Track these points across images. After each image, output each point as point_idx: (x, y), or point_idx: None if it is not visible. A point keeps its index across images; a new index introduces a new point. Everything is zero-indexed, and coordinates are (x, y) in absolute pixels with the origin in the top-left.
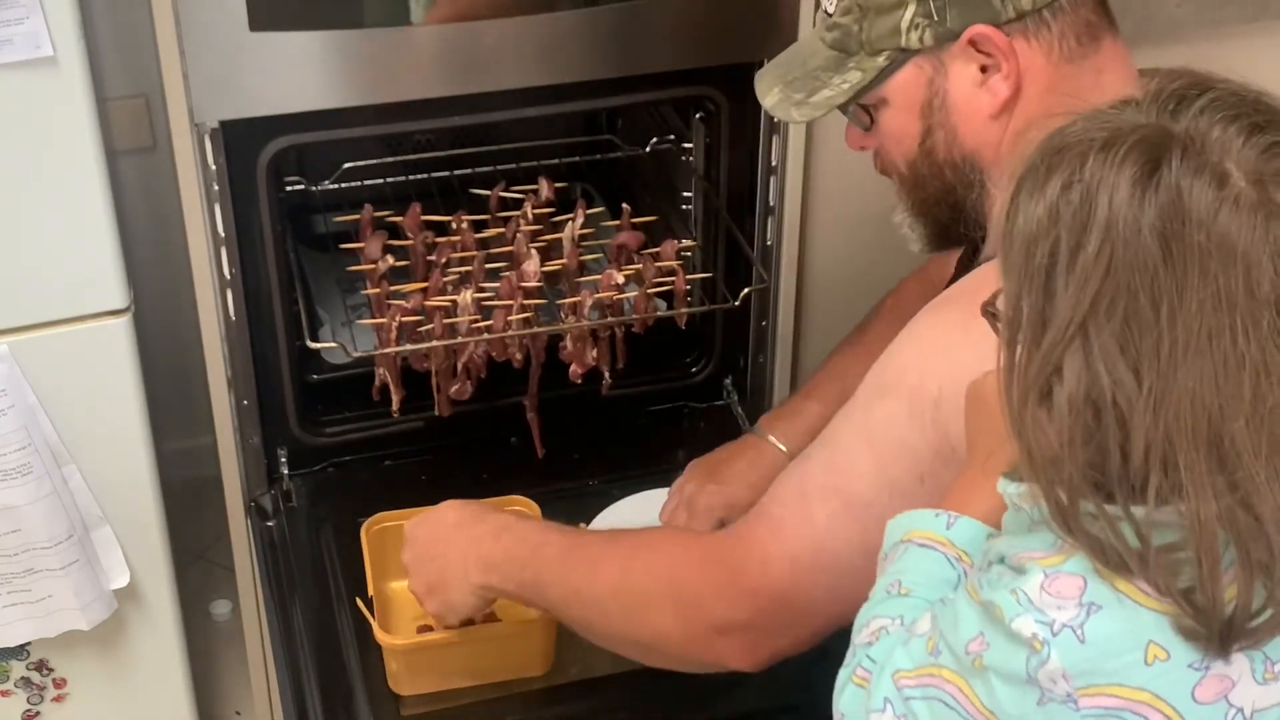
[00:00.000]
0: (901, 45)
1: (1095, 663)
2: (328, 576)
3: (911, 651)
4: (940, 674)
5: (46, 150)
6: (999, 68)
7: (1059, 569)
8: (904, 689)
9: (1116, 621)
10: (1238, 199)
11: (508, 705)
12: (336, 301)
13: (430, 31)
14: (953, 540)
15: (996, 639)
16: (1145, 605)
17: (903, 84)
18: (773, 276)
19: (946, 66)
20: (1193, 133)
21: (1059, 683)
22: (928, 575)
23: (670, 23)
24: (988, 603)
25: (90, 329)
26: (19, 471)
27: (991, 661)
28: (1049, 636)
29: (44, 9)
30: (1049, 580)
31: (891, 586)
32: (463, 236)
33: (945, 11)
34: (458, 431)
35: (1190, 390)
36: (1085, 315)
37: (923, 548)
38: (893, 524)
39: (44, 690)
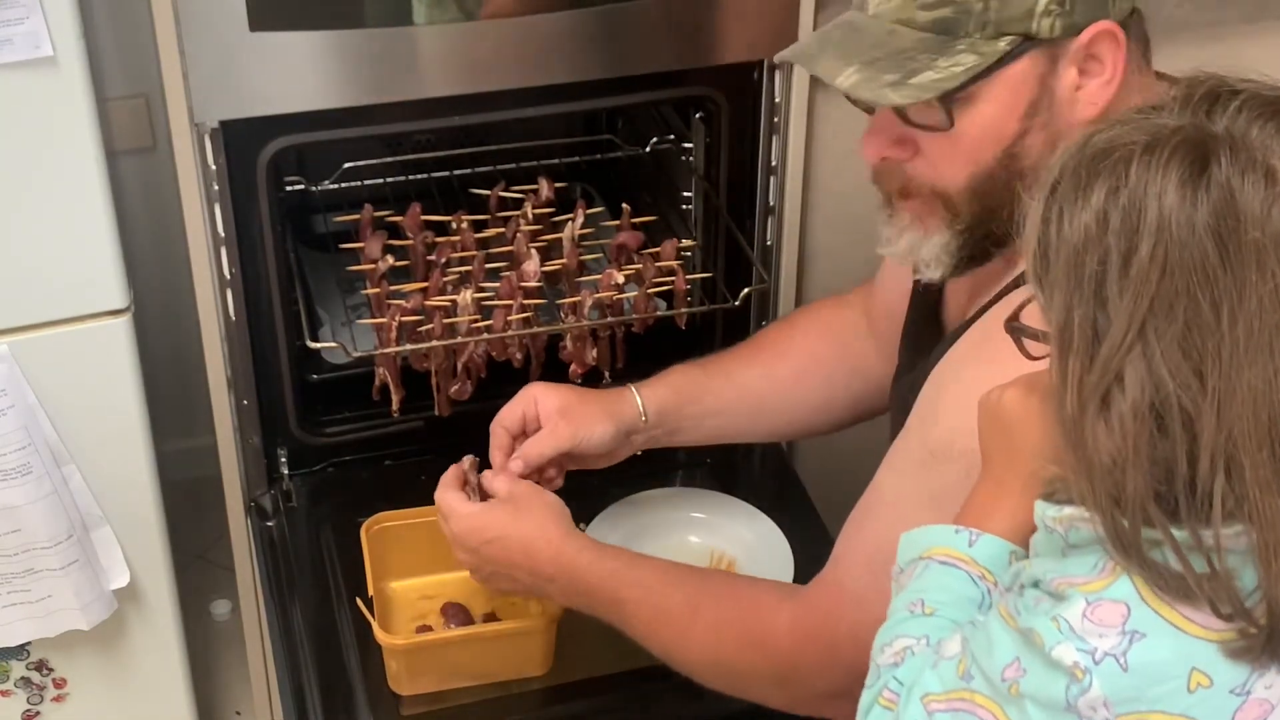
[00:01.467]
0: (1031, 31)
1: (1138, 690)
2: (328, 576)
3: (941, 675)
4: (973, 699)
5: (46, 150)
6: (1099, 73)
7: (1101, 595)
8: (934, 713)
9: (1161, 649)
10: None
11: (508, 705)
12: (336, 301)
13: (430, 31)
14: (975, 559)
15: (1034, 666)
16: (1190, 632)
17: (1016, 76)
18: (773, 276)
19: (1058, 63)
20: (1234, 132)
21: (1099, 710)
22: (951, 594)
23: (670, 23)
24: (1027, 630)
25: (90, 329)
26: (19, 471)
27: (1029, 689)
28: (1091, 665)
29: (44, 9)
30: (1091, 608)
31: (914, 605)
32: (463, 236)
33: (1077, 2)
34: (458, 431)
35: (1255, 389)
36: (1144, 320)
37: (945, 565)
38: (907, 538)
39: (44, 690)
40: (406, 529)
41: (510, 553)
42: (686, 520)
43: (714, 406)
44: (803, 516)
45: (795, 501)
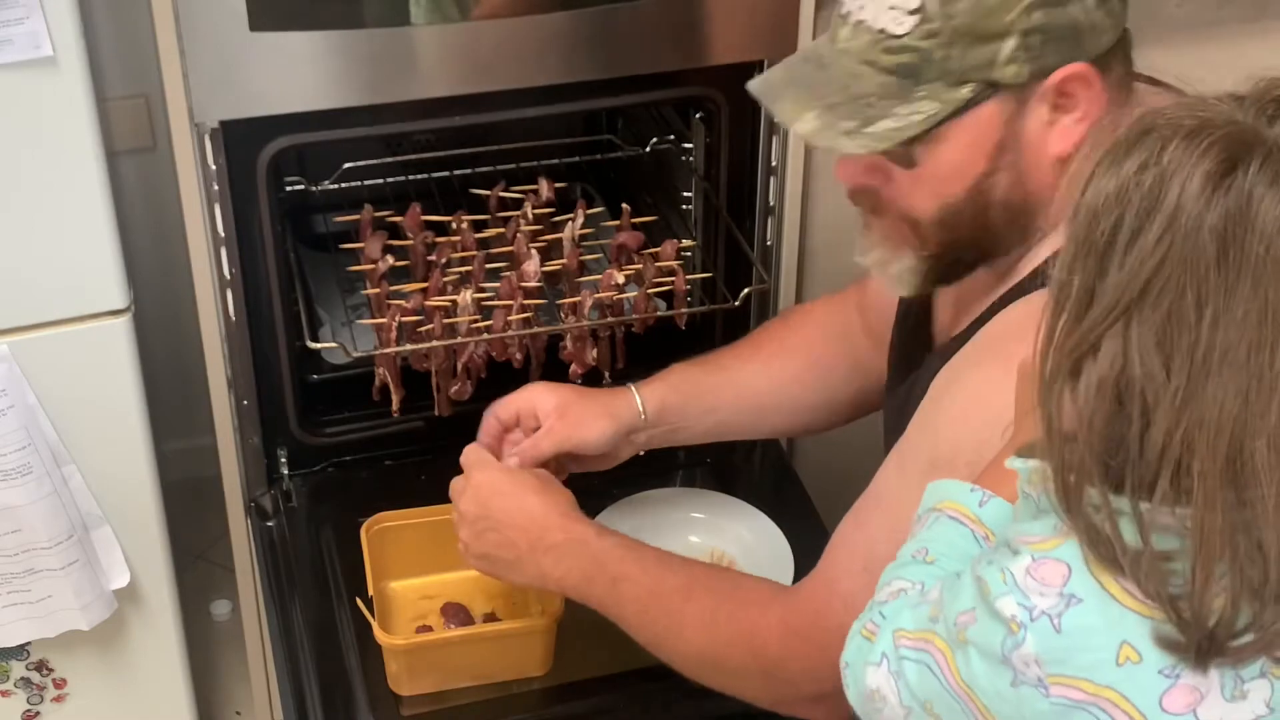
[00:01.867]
0: (993, 78)
1: (1067, 653)
2: (328, 576)
3: (916, 615)
4: (933, 640)
5: (46, 150)
6: (1072, 109)
7: (1047, 554)
8: (901, 647)
9: (1094, 616)
10: None
11: (508, 705)
12: (336, 301)
13: (430, 31)
14: (982, 518)
15: (982, 615)
16: (1127, 605)
17: (980, 121)
18: (773, 276)
19: (1026, 105)
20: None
21: (1031, 666)
22: (954, 549)
23: (670, 23)
24: (978, 578)
25: (90, 329)
26: (19, 471)
27: (974, 636)
28: (1027, 620)
29: (44, 9)
30: (1035, 565)
31: (918, 552)
32: (463, 236)
33: (1045, 47)
34: (458, 431)
35: (1219, 399)
36: (1132, 301)
37: (953, 520)
38: (931, 487)
39: (44, 690)
40: (406, 529)
41: (521, 515)
42: (686, 520)
43: (713, 404)
44: (802, 516)
45: (795, 501)
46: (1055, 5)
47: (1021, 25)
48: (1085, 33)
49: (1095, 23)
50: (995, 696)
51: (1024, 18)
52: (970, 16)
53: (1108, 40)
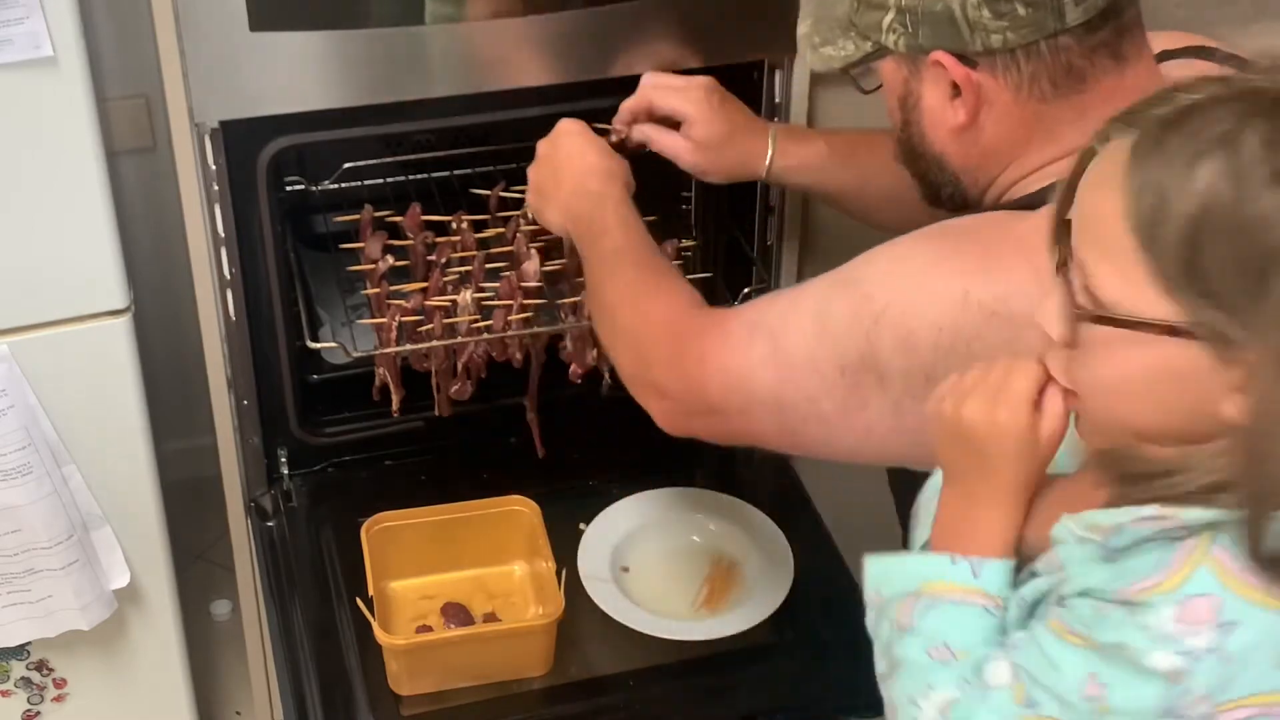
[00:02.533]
0: (881, 41)
1: (1234, 677)
2: (328, 576)
3: (996, 707)
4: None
5: (46, 150)
6: (959, 92)
7: (1184, 591)
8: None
9: (1253, 632)
10: None
11: (508, 705)
12: (336, 301)
13: (430, 31)
14: (984, 589)
15: (1120, 679)
16: (1275, 608)
17: (886, 72)
18: (773, 276)
19: (920, 74)
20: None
21: (1199, 704)
22: (977, 634)
23: (670, 23)
24: (1114, 645)
25: (90, 329)
26: (19, 471)
27: (1118, 703)
28: (1190, 665)
29: (44, 9)
30: (1179, 609)
31: (936, 651)
32: (463, 236)
33: (918, 27)
34: (458, 431)
35: None
36: None
37: (957, 604)
38: (887, 567)
39: (44, 690)
40: (406, 529)
41: (578, 158)
42: (686, 520)
43: (829, 192)
44: (803, 517)
45: (795, 502)
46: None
47: (896, 2)
48: (964, 26)
49: (979, 20)
50: None
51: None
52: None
53: (1004, 41)
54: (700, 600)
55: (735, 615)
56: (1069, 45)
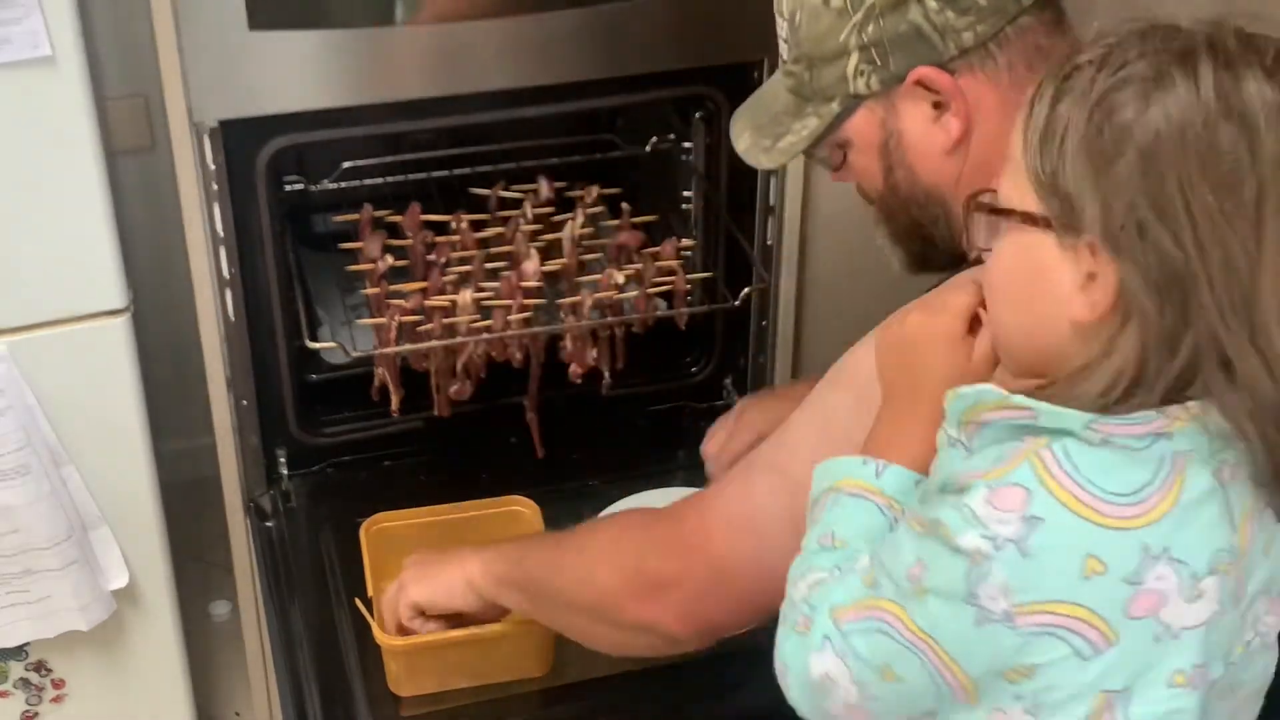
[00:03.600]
0: (850, 92)
1: (1035, 578)
2: (327, 576)
3: (848, 587)
4: (879, 604)
5: (46, 150)
6: (949, 105)
7: (1002, 481)
8: (843, 624)
9: (1058, 534)
10: None
11: (508, 705)
12: (336, 301)
13: (430, 31)
14: (883, 489)
15: (937, 559)
16: (1087, 518)
17: (858, 127)
18: (773, 276)
19: (897, 108)
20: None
21: (997, 599)
22: (861, 526)
23: (670, 23)
24: (932, 521)
25: (90, 329)
26: (17, 472)
27: (931, 583)
28: (992, 550)
29: (43, 8)
30: (992, 493)
31: (824, 538)
32: (462, 236)
33: (887, 57)
34: (458, 431)
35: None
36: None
37: (854, 498)
38: (820, 469)
39: (43, 691)
40: (406, 529)
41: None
42: None
43: None
44: None
45: None
46: (889, 15)
47: (857, 42)
48: (934, 36)
49: (946, 24)
50: (957, 639)
51: (857, 35)
52: (810, 43)
53: (976, 35)
54: None
55: None
56: (1031, 25)
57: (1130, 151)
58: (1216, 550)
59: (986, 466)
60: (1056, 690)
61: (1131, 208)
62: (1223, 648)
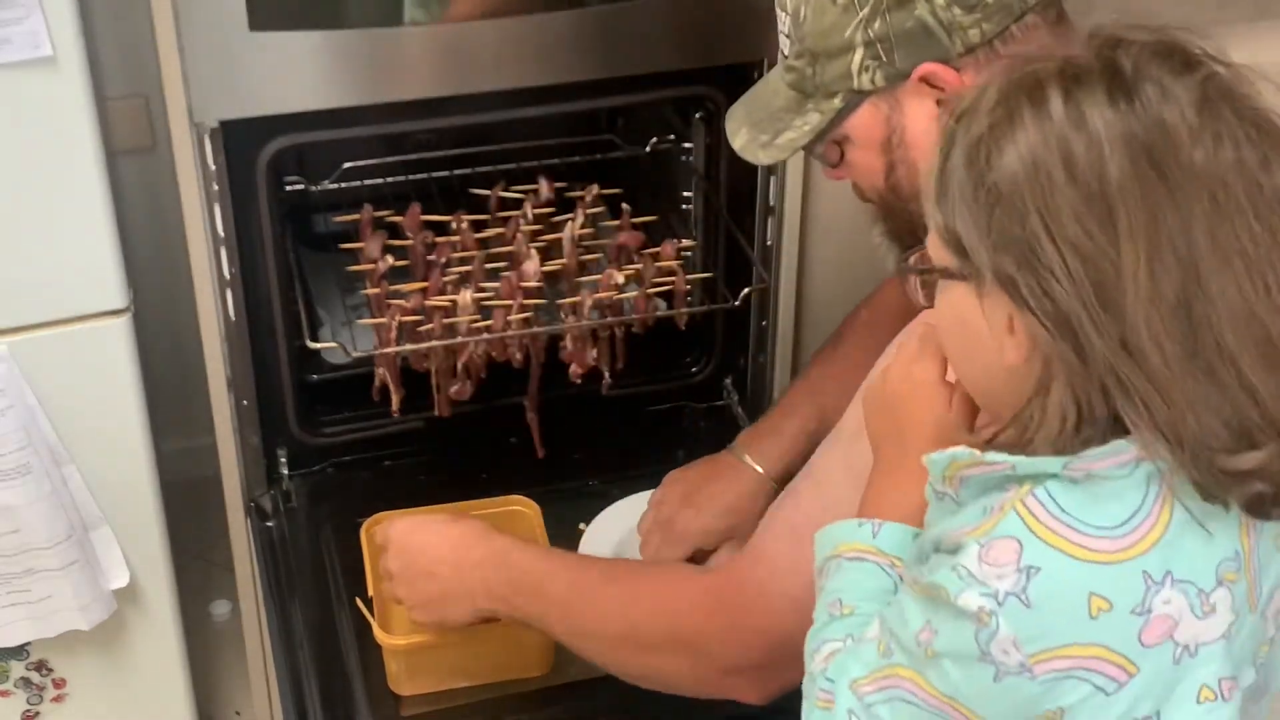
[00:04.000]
0: (854, 87)
1: (1043, 626)
2: (328, 576)
3: (863, 658)
4: (896, 672)
5: (46, 150)
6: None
7: (992, 536)
8: (864, 696)
9: (1057, 579)
10: None
11: (508, 705)
12: (336, 301)
13: (430, 31)
14: (881, 548)
15: (944, 622)
16: (1082, 558)
17: (861, 123)
18: (773, 276)
19: (902, 104)
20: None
21: (1011, 653)
22: (865, 589)
23: (670, 23)
24: (931, 586)
25: (90, 329)
26: (18, 472)
27: (942, 646)
28: (995, 607)
29: (43, 8)
30: (984, 550)
31: (833, 606)
32: (463, 236)
33: (893, 53)
34: (458, 431)
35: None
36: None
37: (854, 561)
38: (819, 536)
39: (43, 690)
40: None
41: (439, 542)
42: None
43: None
44: None
45: None
46: (896, 11)
47: (862, 38)
48: (940, 33)
49: (953, 21)
50: (981, 698)
51: (863, 30)
52: (814, 38)
53: (982, 33)
54: None
55: None
56: (1036, 23)
57: (998, 198)
58: (1220, 562)
59: (975, 522)
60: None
61: (1011, 252)
62: (1249, 653)
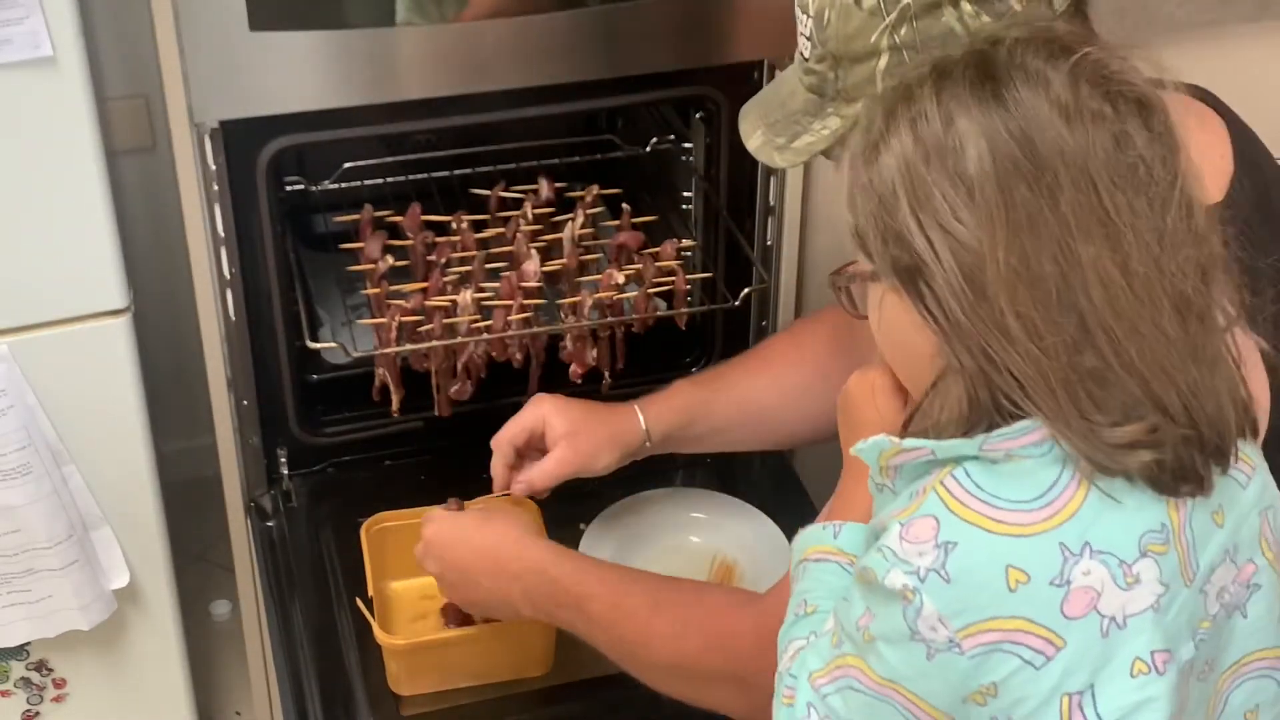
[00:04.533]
0: (878, 93)
1: (965, 600)
2: (328, 576)
3: (819, 651)
4: (845, 661)
5: (46, 150)
6: None
7: (913, 515)
8: (820, 688)
9: (974, 554)
10: None
11: (508, 705)
12: (336, 301)
13: (430, 31)
14: (842, 548)
15: (877, 605)
16: (998, 532)
17: None
18: (773, 276)
19: None
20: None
21: (938, 629)
22: (826, 587)
23: (670, 23)
24: (862, 570)
25: (90, 329)
26: (19, 471)
27: (877, 630)
28: (917, 584)
29: (44, 8)
30: (905, 529)
31: (799, 607)
32: (463, 236)
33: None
34: (458, 431)
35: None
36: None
37: (818, 563)
38: (793, 543)
39: (44, 690)
40: (406, 529)
41: (473, 556)
42: (686, 520)
43: (718, 424)
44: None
45: (795, 502)
46: (923, 18)
47: (888, 43)
48: (968, 38)
49: (981, 29)
50: (917, 678)
51: (889, 36)
52: (837, 41)
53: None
54: None
55: None
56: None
57: (880, 196)
58: (1144, 533)
59: (902, 505)
60: (1023, 703)
61: (895, 247)
62: (1185, 627)
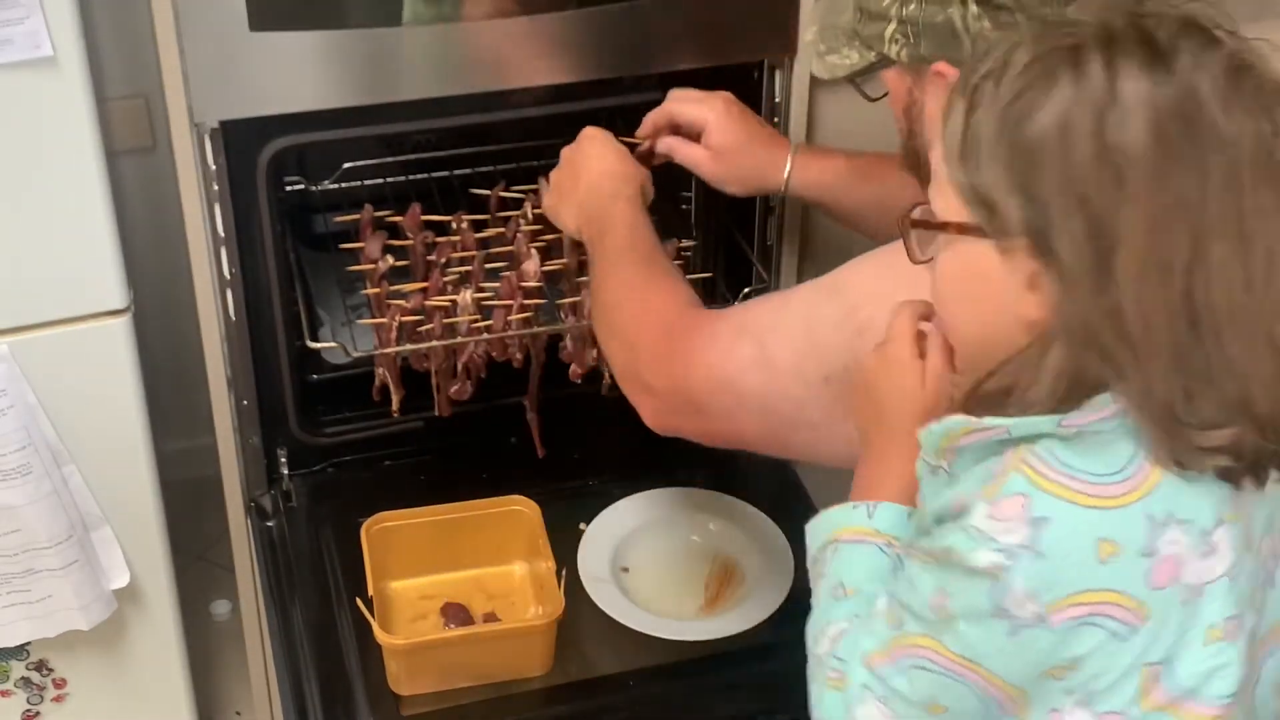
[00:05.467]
0: (884, 51)
1: (1057, 574)
2: (328, 576)
3: (875, 632)
4: (911, 641)
5: (46, 150)
6: None
7: (999, 494)
8: (880, 669)
9: (1065, 527)
10: None
11: (508, 705)
12: (336, 301)
13: (430, 31)
14: (878, 528)
15: (956, 584)
16: (1088, 505)
17: (890, 81)
18: (773, 276)
19: (924, 84)
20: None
21: (1026, 605)
22: (865, 569)
23: (672, 23)
24: (942, 550)
25: (90, 329)
26: (19, 471)
27: (957, 608)
28: (1007, 561)
29: (44, 8)
30: (993, 507)
31: (835, 590)
32: (463, 236)
33: (919, 38)
34: (458, 431)
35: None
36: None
37: (853, 544)
38: (812, 525)
39: (44, 690)
40: (406, 529)
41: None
42: (686, 520)
43: (849, 210)
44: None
45: (795, 502)
46: (931, 3)
47: (898, 13)
48: (964, 38)
49: (980, 33)
50: (996, 655)
51: (899, 6)
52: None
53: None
54: (706, 603)
55: (735, 615)
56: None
57: (1029, 155)
58: (1219, 500)
59: (978, 487)
60: (1103, 676)
61: (1036, 209)
62: (1250, 595)
